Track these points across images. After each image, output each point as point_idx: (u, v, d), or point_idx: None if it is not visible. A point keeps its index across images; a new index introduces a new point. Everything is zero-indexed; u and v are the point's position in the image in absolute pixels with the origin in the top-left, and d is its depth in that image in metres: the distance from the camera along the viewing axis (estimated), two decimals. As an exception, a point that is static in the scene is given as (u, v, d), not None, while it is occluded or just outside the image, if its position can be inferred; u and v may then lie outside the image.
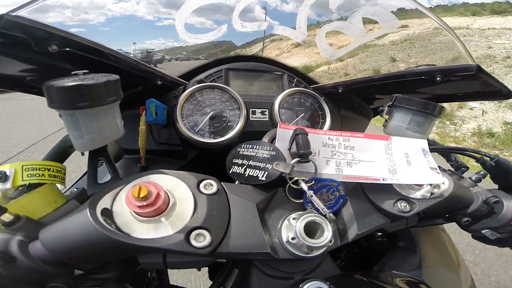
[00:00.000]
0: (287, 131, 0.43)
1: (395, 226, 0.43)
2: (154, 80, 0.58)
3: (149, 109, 0.54)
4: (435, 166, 0.40)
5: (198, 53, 1.00)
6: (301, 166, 0.41)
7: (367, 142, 0.44)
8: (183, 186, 0.34)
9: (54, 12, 0.41)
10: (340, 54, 0.74)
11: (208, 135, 0.60)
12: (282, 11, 0.85)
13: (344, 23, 0.70)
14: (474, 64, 0.53)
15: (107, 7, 1.04)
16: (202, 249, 0.29)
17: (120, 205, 0.31)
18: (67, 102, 0.33)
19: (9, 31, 0.36)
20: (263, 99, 0.68)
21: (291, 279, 0.38)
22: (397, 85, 0.63)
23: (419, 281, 0.44)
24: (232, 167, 0.41)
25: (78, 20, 0.63)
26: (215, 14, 0.71)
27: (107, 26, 1.00)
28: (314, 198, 0.37)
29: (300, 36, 0.69)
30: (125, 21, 1.12)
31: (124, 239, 0.28)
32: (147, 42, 1.16)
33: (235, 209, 0.35)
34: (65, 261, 0.28)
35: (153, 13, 1.34)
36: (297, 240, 0.32)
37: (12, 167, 0.34)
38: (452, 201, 0.40)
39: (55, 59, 0.43)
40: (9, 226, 0.28)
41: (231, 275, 0.41)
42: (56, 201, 0.34)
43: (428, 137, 0.55)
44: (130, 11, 1.14)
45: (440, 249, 0.54)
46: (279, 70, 0.73)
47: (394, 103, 0.53)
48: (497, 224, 0.43)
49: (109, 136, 0.39)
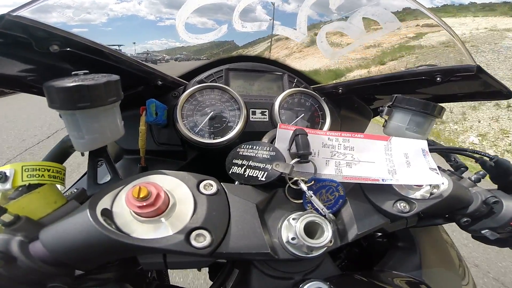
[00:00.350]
0: (287, 132, 0.43)
1: (395, 226, 0.43)
2: (155, 80, 0.58)
3: (149, 109, 0.54)
4: (435, 167, 0.40)
5: (199, 53, 1.00)
6: (300, 167, 0.41)
7: (366, 143, 0.44)
8: (183, 187, 0.34)
9: (56, 12, 0.41)
10: (340, 54, 0.74)
11: (208, 135, 0.60)
12: (283, 11, 0.85)
13: (345, 23, 0.70)
14: (474, 65, 0.53)
15: (109, 7, 1.03)
16: (202, 249, 0.29)
17: (120, 206, 0.31)
18: (67, 102, 0.33)
19: (10, 31, 0.36)
20: (263, 100, 0.68)
21: (291, 279, 0.38)
22: (397, 85, 0.63)
23: (419, 281, 0.44)
24: (232, 168, 0.41)
25: (80, 20, 0.63)
26: (216, 14, 0.71)
27: (109, 26, 1.00)
28: (313, 199, 0.37)
29: (300, 36, 0.69)
30: (127, 21, 1.12)
31: (124, 239, 0.28)
32: (149, 42, 1.16)
33: (235, 209, 0.35)
34: (65, 261, 0.28)
35: (155, 13, 1.34)
36: (297, 240, 0.33)
37: (12, 167, 0.34)
38: (452, 201, 0.40)
39: (55, 59, 0.43)
40: (9, 227, 0.28)
41: (231, 275, 0.41)
42: (56, 202, 0.34)
43: (428, 137, 0.55)
44: (132, 11, 1.14)
45: (440, 249, 0.54)
46: (279, 70, 0.73)
47: (394, 103, 0.53)
48: (497, 224, 0.43)
49: (109, 137, 0.39)
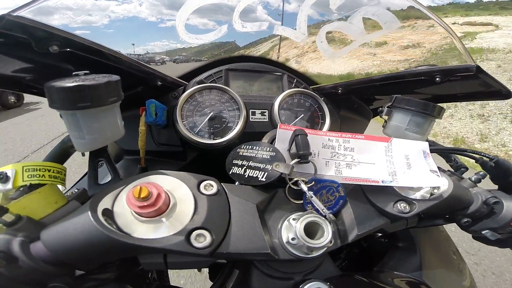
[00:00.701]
0: (287, 132, 0.43)
1: (395, 226, 0.43)
2: (154, 81, 0.58)
3: (149, 110, 0.54)
4: (436, 169, 0.40)
5: (200, 55, 1.00)
6: (301, 167, 0.41)
7: (367, 144, 0.44)
8: (183, 187, 0.34)
9: (58, 14, 0.41)
10: (340, 55, 0.74)
11: (208, 136, 0.60)
12: (285, 11, 0.85)
13: (345, 23, 0.70)
14: (473, 65, 0.53)
15: (110, 8, 1.04)
16: (203, 249, 0.30)
17: (121, 206, 0.31)
18: (68, 102, 0.34)
19: (10, 31, 0.36)
20: (263, 100, 0.68)
21: (291, 280, 0.38)
22: (397, 85, 0.63)
23: (419, 282, 0.44)
24: (232, 168, 0.41)
25: (82, 22, 0.63)
26: (216, 15, 0.71)
27: (110, 28, 1.00)
28: (314, 199, 0.37)
29: (300, 37, 0.69)
30: (128, 22, 1.12)
31: (125, 239, 0.28)
32: (151, 44, 1.16)
33: (235, 209, 0.35)
34: (66, 261, 0.28)
35: (156, 14, 1.34)
36: (297, 240, 0.33)
37: (13, 168, 0.34)
38: (452, 202, 0.40)
39: (55, 60, 0.44)
40: (11, 226, 0.28)
41: (232, 275, 0.41)
42: (57, 202, 0.34)
43: (428, 137, 0.55)
44: (133, 12, 1.14)
45: (440, 249, 0.55)
46: (279, 70, 0.73)
47: (394, 103, 0.53)
48: (497, 224, 0.43)
49: (110, 137, 0.39)
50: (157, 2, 11.10)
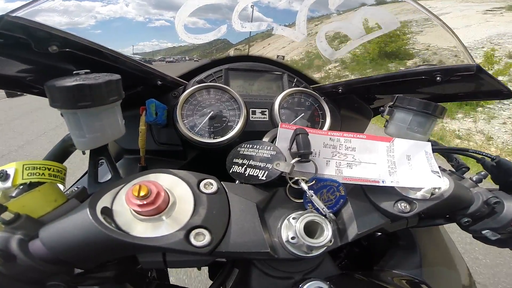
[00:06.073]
0: (288, 131, 0.43)
1: (395, 226, 0.43)
2: (154, 80, 0.58)
3: (149, 109, 0.54)
4: (437, 170, 0.40)
5: (191, 53, 1.00)
6: (301, 166, 0.41)
7: (368, 144, 0.43)
8: (183, 185, 0.34)
9: (42, 16, 0.41)
10: (340, 54, 0.74)
11: (208, 135, 0.60)
12: (287, 11, 0.85)
13: (345, 23, 0.70)
14: (474, 64, 0.53)
15: (96, 9, 1.03)
16: (202, 248, 0.29)
17: (120, 204, 0.31)
18: (69, 101, 0.34)
19: (9, 32, 0.36)
20: (263, 99, 0.68)
21: (291, 279, 0.37)
22: (397, 85, 0.63)
23: (419, 281, 0.44)
24: (232, 167, 0.41)
25: (67, 24, 0.62)
26: (215, 15, 0.71)
27: (98, 29, 1.00)
28: (314, 198, 0.37)
29: (299, 37, 0.69)
30: (115, 23, 1.12)
31: (124, 237, 0.28)
32: (140, 44, 1.15)
33: (235, 208, 0.35)
34: (64, 259, 0.28)
35: (144, 14, 1.34)
36: (297, 239, 0.32)
37: (12, 166, 0.34)
38: (453, 202, 0.40)
39: (55, 60, 0.44)
40: (9, 225, 0.28)
41: (231, 274, 0.41)
42: (56, 200, 0.34)
43: (429, 137, 0.55)
44: (120, 13, 1.14)
45: (440, 248, 0.54)
46: (279, 70, 0.73)
47: (395, 103, 0.53)
48: (498, 224, 0.42)
49: (110, 135, 0.39)
50: (144, 2, 10.97)
